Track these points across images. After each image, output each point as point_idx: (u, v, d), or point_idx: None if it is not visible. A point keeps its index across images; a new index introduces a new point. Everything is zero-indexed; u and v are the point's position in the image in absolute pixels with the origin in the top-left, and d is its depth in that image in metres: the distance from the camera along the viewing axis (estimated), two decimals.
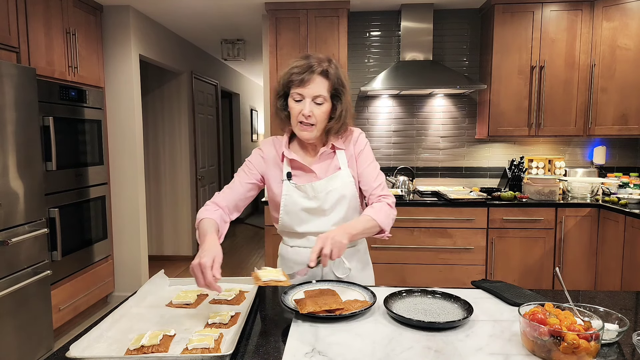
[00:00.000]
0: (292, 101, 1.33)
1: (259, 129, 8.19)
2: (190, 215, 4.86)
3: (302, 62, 1.30)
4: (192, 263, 1.08)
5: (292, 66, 1.31)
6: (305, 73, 1.28)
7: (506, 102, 3.36)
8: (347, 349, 0.94)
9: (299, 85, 1.29)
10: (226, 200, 1.40)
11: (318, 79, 1.30)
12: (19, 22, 2.56)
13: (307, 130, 1.34)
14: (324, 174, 1.40)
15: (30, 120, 2.48)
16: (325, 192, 1.38)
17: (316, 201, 1.38)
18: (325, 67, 1.30)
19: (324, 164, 1.42)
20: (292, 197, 1.39)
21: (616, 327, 0.97)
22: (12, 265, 2.35)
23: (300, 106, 1.31)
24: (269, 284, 1.11)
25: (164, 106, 4.77)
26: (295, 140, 1.46)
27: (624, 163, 3.68)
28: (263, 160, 1.45)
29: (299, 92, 1.30)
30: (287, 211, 1.41)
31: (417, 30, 3.47)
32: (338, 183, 1.38)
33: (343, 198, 1.39)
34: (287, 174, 1.40)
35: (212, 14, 3.77)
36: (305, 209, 1.39)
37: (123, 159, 3.58)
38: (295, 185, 1.39)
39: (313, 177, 1.40)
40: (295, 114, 1.32)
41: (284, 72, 1.34)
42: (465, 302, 1.15)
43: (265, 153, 1.45)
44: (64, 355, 0.88)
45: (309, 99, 1.30)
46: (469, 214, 3.14)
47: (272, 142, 1.47)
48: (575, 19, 3.26)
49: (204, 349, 0.90)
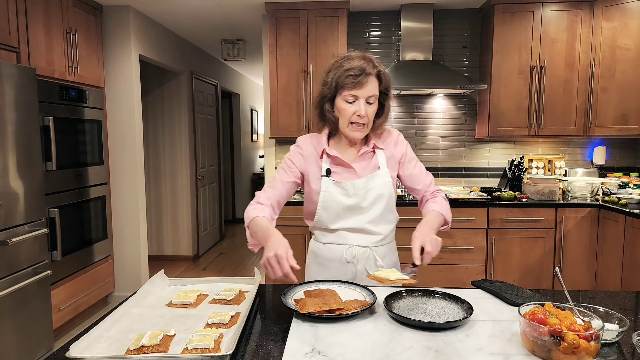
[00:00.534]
0: (344, 102, 1.34)
1: (259, 129, 8.19)
2: (190, 215, 4.87)
3: (354, 64, 1.31)
4: (266, 256, 1.11)
5: (345, 68, 1.31)
6: (361, 75, 1.29)
7: (506, 102, 3.36)
8: (347, 349, 0.94)
9: (354, 87, 1.30)
10: (270, 199, 1.41)
11: (372, 80, 1.32)
12: (19, 22, 2.56)
13: (359, 130, 1.36)
14: (364, 172, 1.42)
15: (30, 120, 2.48)
16: (365, 190, 1.40)
17: (355, 198, 1.40)
18: (377, 68, 1.33)
19: (364, 163, 1.43)
20: (331, 194, 1.41)
21: (616, 327, 0.97)
22: (12, 265, 2.35)
23: (354, 107, 1.33)
24: (396, 282, 1.15)
25: (164, 106, 4.77)
26: (334, 137, 1.47)
27: (624, 163, 3.68)
28: (302, 157, 1.46)
29: (354, 94, 1.31)
30: (325, 207, 1.42)
31: (417, 30, 3.47)
32: (377, 182, 1.41)
33: (381, 197, 1.41)
34: (326, 170, 1.42)
35: (212, 14, 3.77)
36: (344, 206, 1.41)
37: (123, 159, 3.58)
38: (335, 182, 1.40)
39: (353, 174, 1.42)
40: (348, 114, 1.34)
41: (335, 75, 1.33)
42: (465, 302, 1.15)
43: (304, 150, 1.46)
44: (63, 355, 0.88)
45: (363, 99, 1.32)
46: (469, 214, 3.14)
47: (310, 139, 1.48)
48: (575, 19, 3.26)
49: (204, 349, 0.90)
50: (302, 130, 3.44)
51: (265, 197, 1.41)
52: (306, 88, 3.41)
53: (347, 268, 1.45)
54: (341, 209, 1.41)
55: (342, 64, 1.33)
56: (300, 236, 3.21)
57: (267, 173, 3.93)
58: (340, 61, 1.34)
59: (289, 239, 1.20)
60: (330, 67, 1.37)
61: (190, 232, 4.89)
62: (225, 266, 4.79)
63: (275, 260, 1.09)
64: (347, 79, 1.30)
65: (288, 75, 3.42)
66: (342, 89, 1.32)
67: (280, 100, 3.44)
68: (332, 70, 1.35)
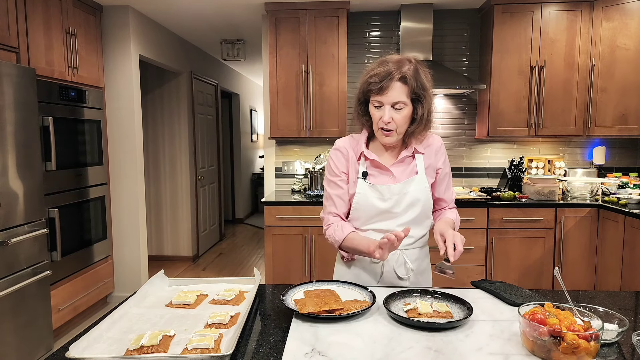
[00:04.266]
0: (372, 107, 1.34)
1: (258, 129, 8.19)
2: (190, 215, 4.86)
3: (380, 70, 1.29)
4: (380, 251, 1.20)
5: (371, 74, 1.31)
6: (384, 81, 1.27)
7: (506, 102, 3.36)
8: (347, 349, 0.94)
9: (377, 93, 1.29)
10: (341, 211, 1.44)
11: (397, 85, 1.28)
12: (19, 22, 2.55)
13: (388, 136, 1.35)
14: (402, 176, 1.41)
15: (30, 121, 2.48)
16: (400, 195, 1.38)
17: (389, 202, 1.38)
18: (404, 73, 1.28)
19: (402, 167, 1.42)
20: (366, 196, 1.39)
21: (616, 327, 0.97)
22: (11, 265, 2.35)
23: (380, 113, 1.32)
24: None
25: (163, 106, 4.77)
26: (373, 140, 1.46)
27: (624, 163, 3.69)
28: (344, 159, 1.45)
29: (378, 100, 1.30)
30: (358, 208, 1.41)
31: (416, 30, 3.47)
32: (414, 187, 1.39)
33: (417, 201, 1.39)
34: (362, 172, 1.41)
35: (212, 14, 3.77)
36: (377, 209, 1.39)
37: (123, 159, 3.58)
38: (371, 185, 1.39)
39: (390, 178, 1.41)
40: (376, 120, 1.34)
41: (363, 80, 1.34)
42: (465, 302, 1.15)
43: (345, 152, 1.45)
44: (63, 356, 0.88)
45: (388, 105, 1.30)
46: (468, 214, 3.14)
47: (350, 141, 1.46)
48: (575, 19, 3.27)
49: (204, 349, 0.90)
50: (302, 130, 3.45)
51: (337, 209, 1.43)
52: (306, 88, 3.41)
53: (375, 268, 1.44)
54: (374, 212, 1.39)
55: (371, 69, 1.32)
56: (300, 236, 3.21)
57: (267, 173, 3.93)
58: (372, 65, 1.33)
59: (289, 239, 1.20)
60: (364, 72, 1.36)
61: (190, 232, 4.89)
62: (225, 266, 4.79)
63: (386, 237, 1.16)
64: (370, 85, 1.30)
65: (288, 75, 3.42)
66: (370, 95, 1.32)
67: (280, 100, 3.44)
68: (362, 76, 1.35)
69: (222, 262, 4.97)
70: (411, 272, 1.43)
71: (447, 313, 1.10)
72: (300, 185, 3.75)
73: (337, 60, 3.38)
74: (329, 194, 1.45)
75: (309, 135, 3.46)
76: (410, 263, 1.42)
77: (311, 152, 3.86)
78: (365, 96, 1.35)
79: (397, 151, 1.44)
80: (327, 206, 1.46)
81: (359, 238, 1.34)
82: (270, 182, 3.92)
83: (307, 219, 3.20)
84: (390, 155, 1.44)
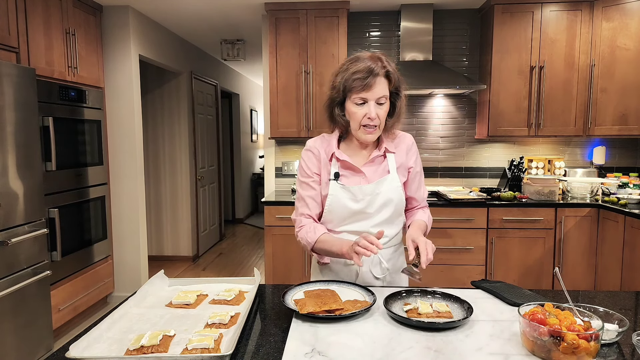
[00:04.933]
0: (353, 105, 1.31)
1: (258, 129, 8.19)
2: (190, 215, 4.86)
3: (361, 66, 1.27)
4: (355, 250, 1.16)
5: (353, 71, 1.27)
6: (369, 77, 1.26)
7: (506, 102, 3.36)
8: (347, 349, 0.94)
9: (362, 89, 1.27)
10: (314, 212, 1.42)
11: (382, 80, 1.28)
12: (19, 22, 2.55)
13: (371, 133, 1.33)
14: (373, 176, 1.39)
15: (30, 121, 2.48)
16: (372, 195, 1.37)
17: (362, 203, 1.37)
18: (386, 68, 1.29)
19: (374, 167, 1.41)
20: (338, 197, 1.38)
21: (616, 327, 0.97)
22: (11, 265, 2.35)
23: (364, 109, 1.29)
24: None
25: (163, 106, 4.77)
26: (345, 140, 1.44)
27: (624, 163, 3.69)
28: (316, 160, 1.43)
29: (362, 97, 1.28)
30: (331, 210, 1.39)
31: (416, 30, 3.47)
32: (386, 187, 1.38)
33: (390, 201, 1.38)
34: (334, 174, 1.39)
35: (212, 14, 3.77)
36: (350, 210, 1.38)
37: (123, 159, 3.58)
38: (343, 186, 1.38)
39: (362, 179, 1.39)
40: (359, 118, 1.31)
41: (342, 78, 1.30)
42: (465, 302, 1.15)
43: (316, 152, 1.43)
44: (63, 356, 0.88)
45: (372, 101, 1.28)
46: (468, 214, 3.14)
47: (321, 141, 1.44)
48: (575, 19, 3.27)
49: (204, 349, 0.90)
50: (302, 130, 3.45)
51: (309, 210, 1.41)
52: (306, 88, 3.41)
53: (350, 270, 1.43)
54: (347, 213, 1.38)
55: (349, 67, 1.29)
56: None
57: (267, 173, 3.93)
58: (348, 64, 1.31)
59: (289, 239, 1.21)
60: (337, 70, 1.34)
61: (190, 233, 4.89)
62: (225, 266, 4.79)
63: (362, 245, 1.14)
64: (354, 82, 1.27)
65: (288, 75, 3.42)
66: (351, 92, 1.29)
67: (280, 100, 3.44)
68: (339, 74, 1.32)
69: (222, 262, 4.97)
70: (387, 272, 1.44)
71: (447, 313, 1.10)
72: None
73: (337, 60, 3.38)
74: (300, 195, 1.43)
75: (309, 135, 3.46)
76: (385, 262, 1.43)
77: None
78: (344, 94, 1.32)
79: (369, 151, 1.42)
80: (299, 207, 1.44)
81: (332, 240, 1.33)
82: (270, 182, 3.92)
83: None
84: (362, 155, 1.42)
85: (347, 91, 1.30)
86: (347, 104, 1.33)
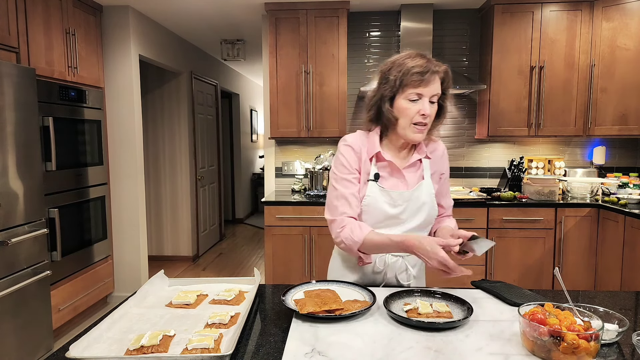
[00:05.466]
0: (406, 101, 1.26)
1: (258, 129, 8.19)
2: (190, 215, 4.86)
3: (420, 62, 1.25)
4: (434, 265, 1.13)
5: (410, 65, 1.24)
6: (428, 73, 1.23)
7: (506, 102, 3.36)
8: (347, 349, 0.94)
9: (420, 84, 1.24)
10: (355, 212, 1.34)
11: (437, 79, 1.26)
12: (19, 22, 2.55)
13: (421, 132, 1.29)
14: (413, 182, 1.37)
15: (30, 121, 2.48)
16: (410, 201, 1.34)
17: (399, 209, 1.34)
18: (442, 67, 1.27)
19: (413, 171, 1.38)
20: (376, 200, 1.33)
21: (616, 327, 0.97)
22: (12, 265, 2.35)
23: (417, 106, 1.26)
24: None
25: (163, 106, 4.77)
26: (385, 140, 1.39)
27: (624, 163, 3.69)
28: (357, 157, 1.37)
29: (419, 92, 1.25)
30: (366, 211, 1.35)
31: (416, 30, 3.47)
32: (421, 192, 1.35)
33: (424, 208, 1.36)
34: (375, 174, 1.35)
35: (212, 14, 3.77)
36: (386, 215, 1.34)
37: (123, 159, 3.58)
38: (382, 189, 1.34)
39: (401, 182, 1.36)
40: (412, 114, 1.27)
41: (399, 72, 1.25)
42: (465, 302, 1.15)
43: (357, 148, 1.37)
44: (63, 356, 0.88)
45: (427, 98, 1.26)
46: (468, 214, 3.14)
47: (360, 139, 1.38)
48: (575, 19, 3.27)
49: (204, 349, 0.90)
50: (302, 130, 3.45)
51: (352, 210, 1.32)
52: (306, 88, 3.41)
53: (377, 277, 1.41)
54: (382, 217, 1.34)
55: (406, 62, 1.25)
56: (300, 236, 3.21)
57: (267, 173, 3.93)
58: (403, 59, 1.27)
59: (289, 239, 1.20)
60: (389, 66, 1.29)
61: (190, 233, 4.89)
62: (225, 266, 4.79)
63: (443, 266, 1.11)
64: (413, 76, 1.23)
65: (288, 75, 3.42)
66: (407, 87, 1.25)
67: (280, 100, 3.44)
68: (393, 68, 1.27)
69: (222, 262, 4.97)
70: (413, 279, 1.42)
71: (447, 313, 1.10)
72: (300, 185, 3.75)
73: (337, 60, 3.38)
74: (341, 193, 1.34)
75: (309, 135, 3.46)
76: (411, 269, 1.41)
77: (311, 152, 3.86)
78: (397, 89, 1.27)
79: (407, 154, 1.39)
80: (340, 206, 1.33)
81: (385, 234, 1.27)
82: (270, 182, 3.92)
83: (307, 219, 3.20)
84: (400, 157, 1.38)
85: (402, 86, 1.26)
86: (398, 100, 1.28)
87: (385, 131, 1.38)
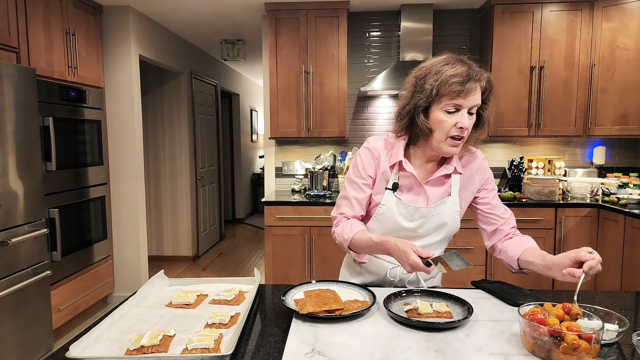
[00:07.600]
0: (442, 113, 1.15)
1: (258, 129, 8.19)
2: (190, 215, 4.86)
3: (460, 69, 1.13)
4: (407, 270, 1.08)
5: (449, 74, 1.12)
6: (469, 82, 1.12)
7: (506, 102, 3.36)
8: (347, 349, 0.94)
9: (459, 95, 1.12)
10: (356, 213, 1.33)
11: (478, 88, 1.15)
12: (19, 23, 2.55)
13: (457, 146, 1.19)
14: (435, 198, 1.28)
15: (30, 121, 2.48)
16: (428, 217, 1.27)
17: (415, 224, 1.28)
18: (484, 74, 1.16)
19: (437, 186, 1.29)
20: (391, 210, 1.27)
21: (616, 327, 0.97)
22: (12, 265, 2.35)
23: (455, 118, 1.15)
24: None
25: (163, 106, 4.77)
26: (412, 149, 1.30)
27: (624, 163, 3.69)
28: (375, 162, 1.30)
29: (457, 103, 1.14)
30: (380, 220, 1.30)
31: (416, 30, 3.47)
32: (444, 210, 1.28)
33: (444, 226, 1.29)
34: (393, 184, 1.27)
35: (212, 14, 3.77)
36: (400, 227, 1.28)
37: (123, 159, 3.58)
38: (399, 201, 1.27)
39: (422, 197, 1.28)
40: (448, 127, 1.16)
41: (436, 81, 1.13)
42: (465, 302, 1.15)
43: (377, 154, 1.30)
44: (63, 356, 0.88)
45: (465, 109, 1.15)
46: (468, 214, 3.13)
47: (384, 143, 1.31)
48: (575, 19, 3.27)
49: (204, 349, 0.90)
50: (302, 130, 3.45)
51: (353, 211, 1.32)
52: (306, 88, 3.41)
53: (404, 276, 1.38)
54: (396, 228, 1.29)
55: (443, 69, 1.14)
56: (300, 236, 3.21)
57: (267, 173, 3.93)
58: (441, 65, 1.15)
59: (289, 239, 1.20)
60: (424, 72, 1.18)
61: (190, 233, 4.89)
62: (225, 266, 4.79)
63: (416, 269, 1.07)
64: (452, 86, 1.11)
65: (288, 75, 3.42)
66: (444, 97, 1.14)
67: (280, 100, 3.44)
68: (429, 75, 1.16)
69: (222, 262, 4.97)
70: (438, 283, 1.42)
71: (447, 313, 1.10)
72: (301, 186, 3.75)
73: (337, 60, 3.38)
74: (347, 194, 1.32)
75: (309, 136, 3.46)
76: (423, 282, 1.38)
77: (311, 152, 3.86)
78: (432, 99, 1.16)
79: (433, 166, 1.29)
80: (342, 206, 1.33)
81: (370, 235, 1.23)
82: (270, 182, 3.92)
83: (307, 219, 3.20)
84: (425, 169, 1.29)
85: (439, 96, 1.14)
86: (433, 111, 1.17)
87: (415, 139, 1.27)
